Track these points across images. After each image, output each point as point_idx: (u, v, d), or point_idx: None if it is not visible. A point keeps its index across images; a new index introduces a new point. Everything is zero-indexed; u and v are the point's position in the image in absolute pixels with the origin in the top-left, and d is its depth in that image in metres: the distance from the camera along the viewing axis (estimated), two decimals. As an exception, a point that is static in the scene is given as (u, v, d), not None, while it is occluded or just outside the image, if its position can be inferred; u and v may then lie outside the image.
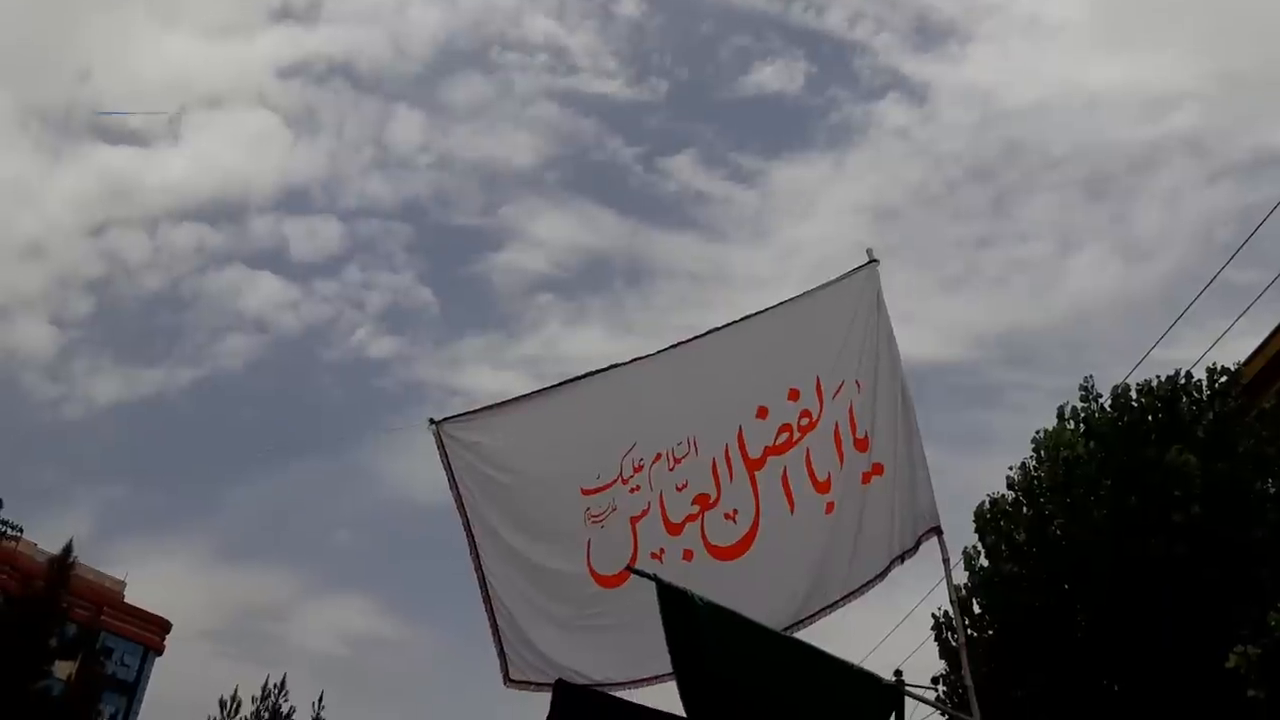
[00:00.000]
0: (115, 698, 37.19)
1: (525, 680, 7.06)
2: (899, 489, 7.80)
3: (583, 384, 8.00)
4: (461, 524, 7.64)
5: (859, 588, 7.61)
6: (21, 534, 54.62)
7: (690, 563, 7.29)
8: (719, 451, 7.75)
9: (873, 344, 8.21)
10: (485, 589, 7.53)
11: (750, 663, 5.30)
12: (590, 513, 7.58)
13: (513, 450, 7.85)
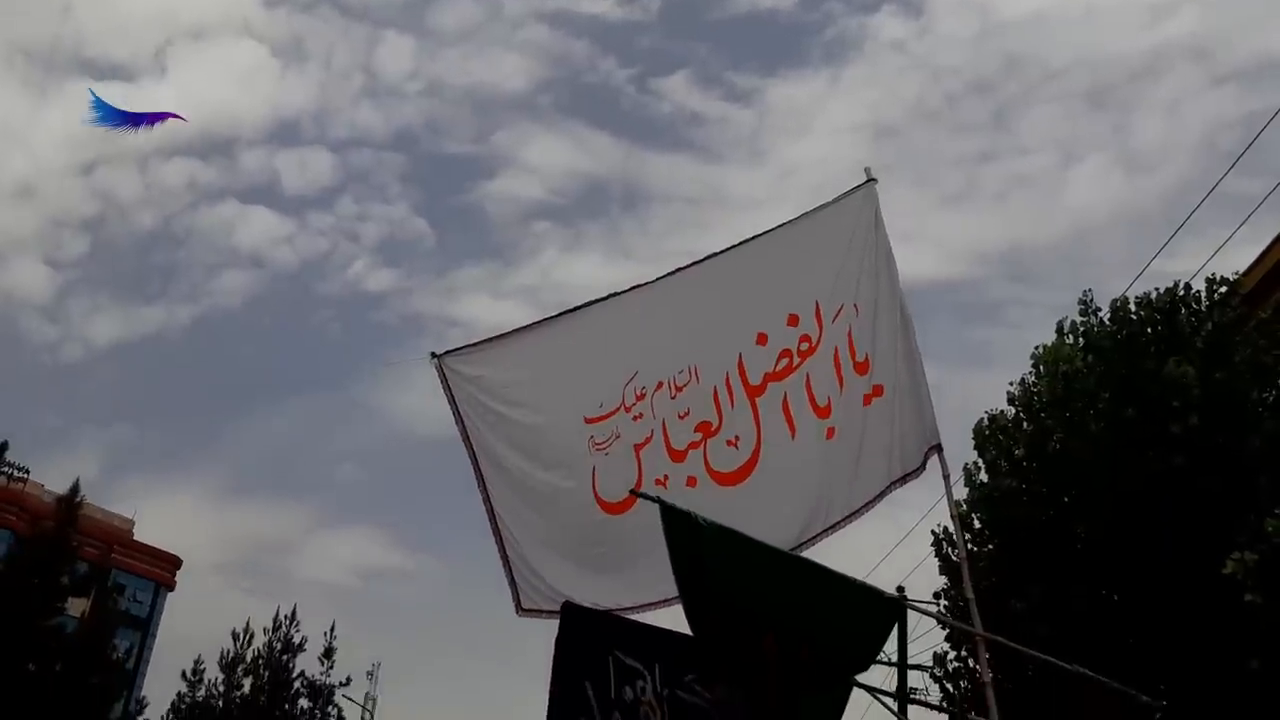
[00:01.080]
0: (129, 633, 37.76)
1: (537, 609, 7.17)
2: (900, 409, 7.84)
3: (582, 314, 8.00)
4: (468, 456, 7.70)
5: (860, 508, 7.68)
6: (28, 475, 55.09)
7: (694, 489, 7.36)
8: (720, 379, 7.77)
9: (871, 264, 8.18)
10: (493, 520, 7.62)
11: (754, 581, 5.38)
12: (594, 441, 7.63)
13: (515, 382, 7.88)
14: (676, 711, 5.83)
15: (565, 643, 5.96)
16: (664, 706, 5.83)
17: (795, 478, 7.76)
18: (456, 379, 7.78)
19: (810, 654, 5.54)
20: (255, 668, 30.37)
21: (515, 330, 8.10)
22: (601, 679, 5.84)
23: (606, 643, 5.96)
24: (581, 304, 8.01)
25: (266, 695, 29.94)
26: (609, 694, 5.80)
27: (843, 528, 7.63)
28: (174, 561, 79.23)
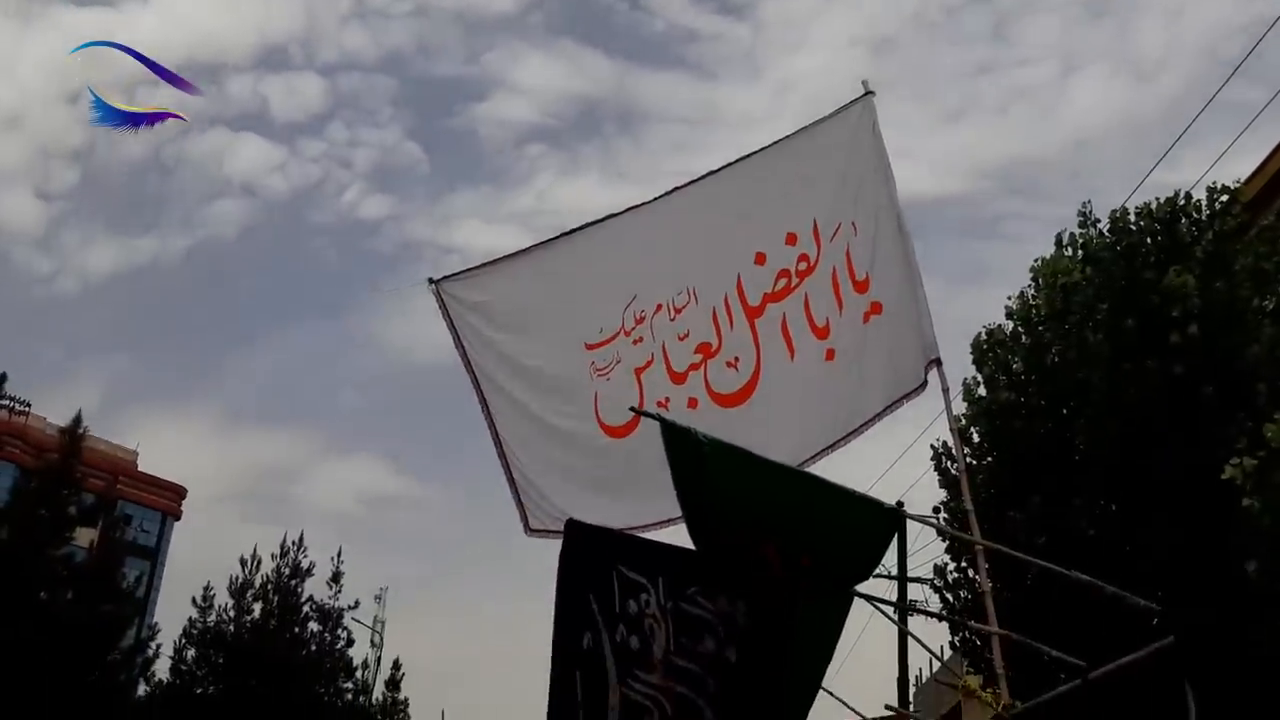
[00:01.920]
0: (138, 563, 38.17)
1: (545, 529, 7.28)
2: (899, 326, 7.83)
3: (579, 236, 7.96)
4: (470, 382, 7.73)
5: (860, 426, 7.73)
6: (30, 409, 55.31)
7: (695, 410, 7.40)
8: (718, 300, 7.76)
9: (870, 180, 8.11)
10: (499, 444, 7.68)
11: (754, 494, 5.43)
12: (595, 366, 7.66)
13: (515, 309, 7.88)
14: (680, 623, 5.91)
15: (569, 558, 6.02)
16: (668, 619, 5.90)
17: (795, 399, 7.79)
18: (455, 305, 7.78)
19: (811, 563, 5.61)
20: (264, 593, 30.77)
21: (513, 254, 8.07)
22: (605, 593, 5.91)
23: (609, 557, 6.02)
24: (578, 226, 7.97)
25: (276, 619, 30.42)
26: (613, 608, 5.88)
27: (843, 446, 7.69)
28: (179, 491, 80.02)
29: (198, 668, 29.13)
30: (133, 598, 22.91)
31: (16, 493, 19.46)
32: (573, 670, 5.81)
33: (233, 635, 29.38)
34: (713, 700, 5.84)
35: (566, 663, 5.83)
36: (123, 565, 22.10)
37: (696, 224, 8.05)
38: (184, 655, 28.92)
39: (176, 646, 28.94)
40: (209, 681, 29.04)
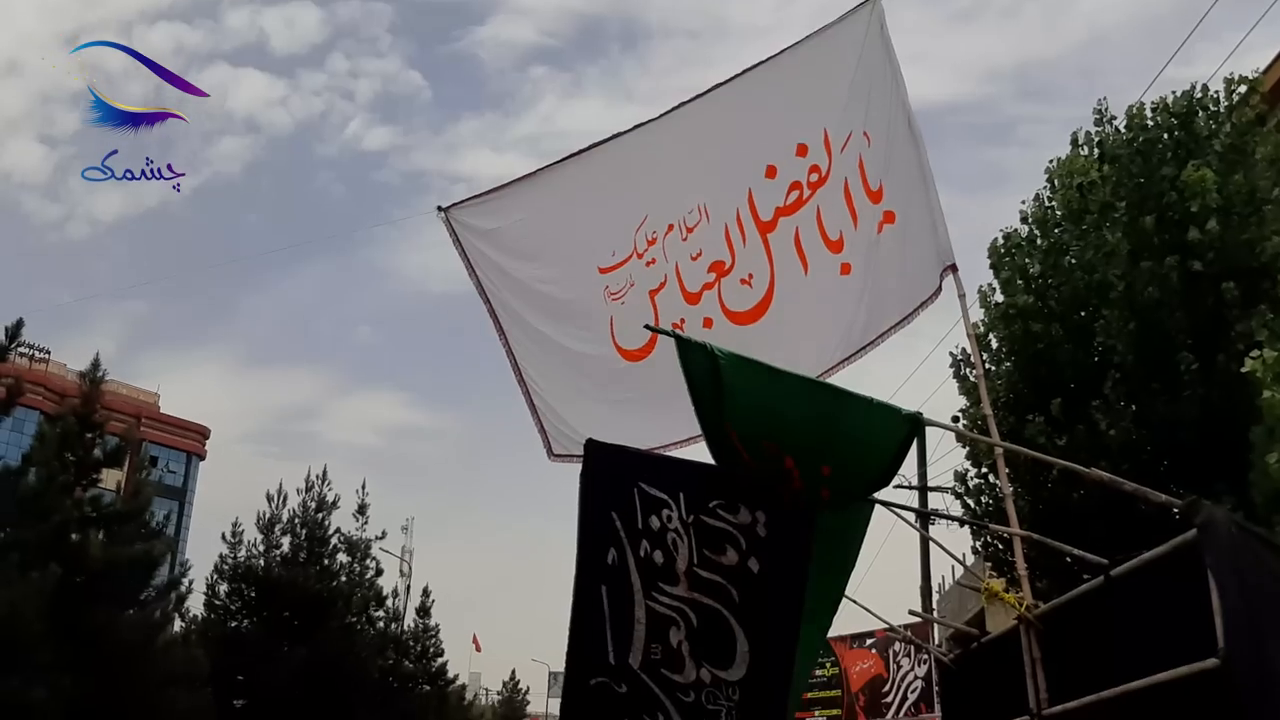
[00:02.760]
0: (166, 503, 38.75)
1: (568, 454, 7.32)
2: (914, 234, 7.74)
3: (587, 157, 7.87)
4: (486, 311, 7.73)
5: (877, 337, 7.69)
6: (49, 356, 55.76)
7: (710, 330, 7.38)
8: (730, 217, 7.68)
9: (880, 87, 7.94)
10: (518, 372, 7.71)
11: (772, 406, 5.42)
12: (609, 290, 7.63)
13: (526, 234, 7.83)
14: (702, 536, 5.97)
15: (590, 478, 6.08)
16: (690, 532, 5.97)
17: (810, 314, 7.75)
18: (466, 233, 7.74)
19: (831, 472, 5.64)
20: (292, 527, 31.24)
21: (520, 178, 8.00)
22: (628, 510, 5.97)
23: (630, 475, 6.07)
24: (585, 147, 7.88)
25: (306, 552, 30.91)
26: (636, 524, 5.95)
27: (860, 358, 7.66)
28: (202, 432, 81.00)
29: (231, 602, 29.72)
30: (163, 536, 23.22)
31: (41, 438, 19.62)
32: (598, 586, 5.89)
33: (263, 569, 29.89)
34: (736, 610, 5.92)
35: (592, 579, 5.92)
36: (151, 505, 22.35)
37: (704, 139, 7.94)
38: (216, 590, 29.48)
39: (209, 582, 29.50)
40: (243, 615, 29.64)
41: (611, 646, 5.84)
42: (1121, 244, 11.11)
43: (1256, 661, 4.61)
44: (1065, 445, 10.42)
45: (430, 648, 44.01)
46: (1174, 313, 10.47)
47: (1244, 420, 9.24)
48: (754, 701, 5.92)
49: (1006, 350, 12.43)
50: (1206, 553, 4.71)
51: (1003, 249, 13.06)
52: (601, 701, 5.82)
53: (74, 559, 18.10)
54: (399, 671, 39.61)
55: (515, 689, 71.55)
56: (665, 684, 5.84)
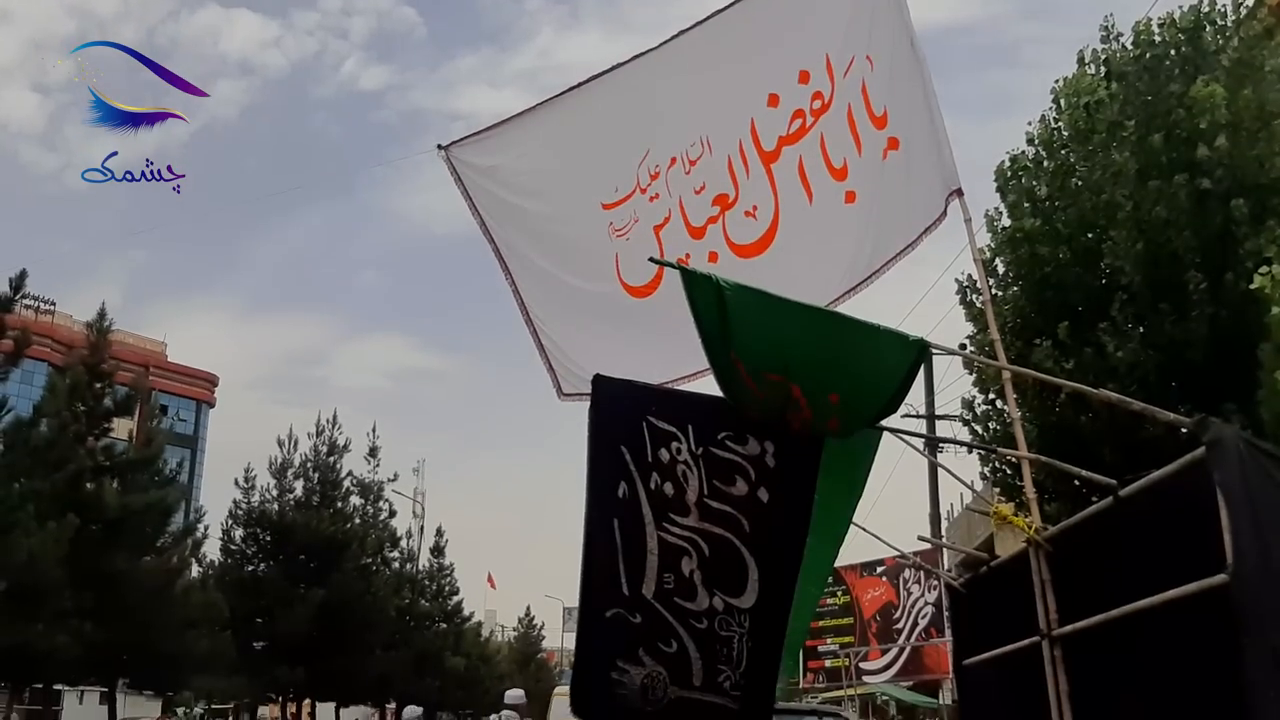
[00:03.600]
0: (177, 451, 39.04)
1: (577, 392, 7.32)
2: (919, 159, 7.65)
3: (586, 91, 7.77)
4: (491, 250, 7.69)
5: (882, 265, 7.63)
6: (55, 307, 55.82)
7: (716, 264, 7.32)
8: (733, 148, 7.60)
9: (883, 10, 7.79)
10: (525, 311, 7.69)
11: (778, 336, 5.41)
12: (613, 227, 7.58)
13: (527, 171, 7.77)
14: (711, 468, 6.01)
15: (599, 412, 6.10)
16: (699, 464, 6.01)
17: (815, 244, 7.70)
18: (468, 171, 7.68)
19: (839, 400, 5.64)
20: (304, 471, 31.53)
21: (520, 114, 7.91)
22: (637, 443, 6.01)
23: (639, 409, 6.10)
24: (585, 80, 7.77)
25: (319, 496, 31.21)
26: (646, 457, 5.99)
27: (866, 287, 7.61)
28: (211, 380, 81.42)
29: (247, 546, 30.10)
30: (176, 483, 23.44)
31: (51, 389, 19.72)
32: (610, 519, 5.95)
33: (277, 514, 30.22)
34: (747, 539, 5.98)
35: (604, 512, 5.97)
36: (163, 453, 22.53)
37: (704, 69, 7.83)
38: (232, 536, 29.86)
39: (224, 528, 29.89)
40: (259, 559, 30.03)
41: (625, 577, 5.90)
42: (1129, 163, 10.99)
43: (1265, 577, 4.64)
44: (1073, 369, 10.39)
45: (445, 586, 44.70)
46: (1182, 232, 10.39)
47: (1253, 339, 9.21)
48: (765, 628, 6.00)
49: (1013, 275, 12.36)
50: (1215, 470, 4.71)
51: (1009, 172, 12.92)
52: (617, 631, 5.90)
53: (90, 508, 18.33)
54: (415, 610, 40.24)
55: (530, 625, 72.72)
56: (679, 612, 5.92)
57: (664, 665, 5.90)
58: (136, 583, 19.34)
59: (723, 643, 5.94)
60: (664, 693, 5.88)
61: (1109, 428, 10.57)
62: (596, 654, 6.08)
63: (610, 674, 5.91)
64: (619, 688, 5.89)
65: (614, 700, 5.92)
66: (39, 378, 27.67)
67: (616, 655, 5.92)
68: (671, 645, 5.90)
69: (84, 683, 27.76)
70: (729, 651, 5.94)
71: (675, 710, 5.91)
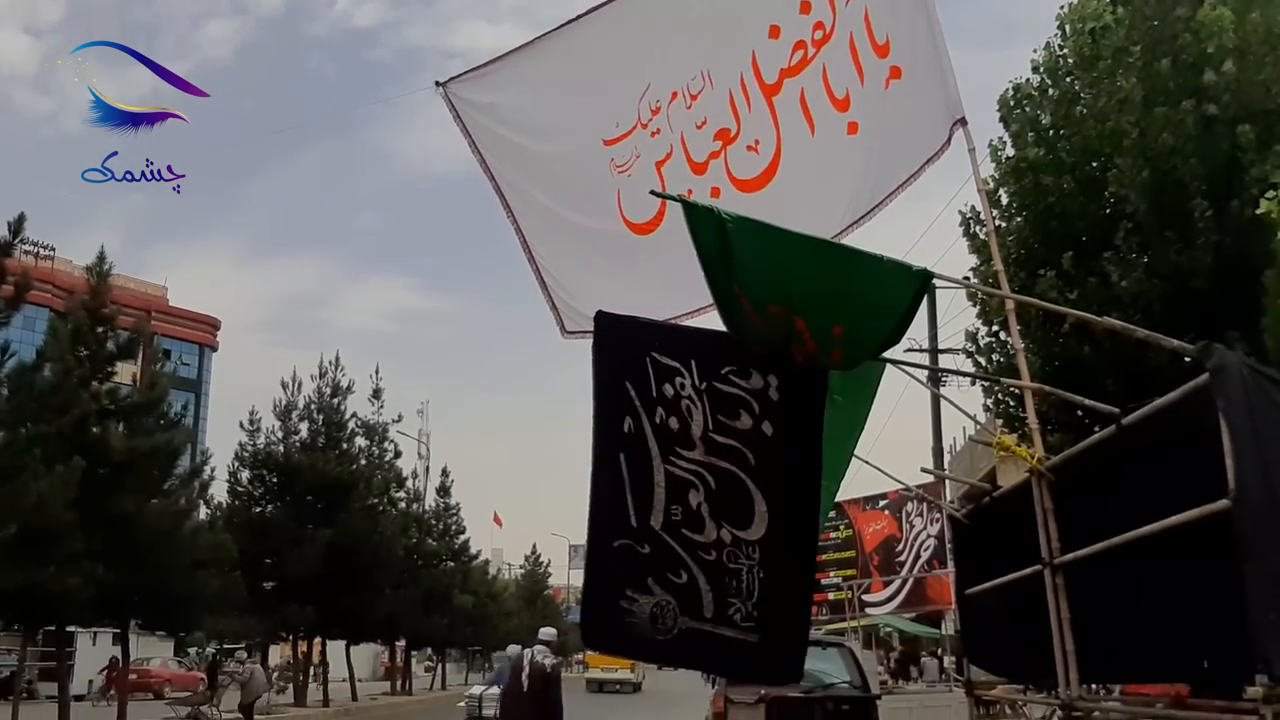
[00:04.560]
0: (181, 395, 39.20)
1: (580, 330, 7.32)
2: (922, 87, 7.55)
3: (584, 24, 7.67)
4: (493, 188, 7.64)
5: (886, 197, 7.58)
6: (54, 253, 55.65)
7: (718, 199, 7.27)
8: (734, 81, 7.51)
9: None
10: (527, 250, 7.65)
11: (781, 268, 5.39)
12: (615, 163, 7.52)
13: (528, 108, 7.69)
14: (716, 402, 6.03)
15: (603, 349, 6.12)
16: (703, 399, 6.03)
17: (818, 177, 7.64)
18: (467, 109, 7.60)
19: (843, 333, 5.63)
20: (309, 413, 31.65)
21: (518, 49, 7.82)
22: (641, 379, 6.02)
23: (642, 345, 6.11)
24: (583, 12, 7.66)
25: (324, 437, 31.37)
26: (650, 392, 6.01)
27: (870, 219, 7.57)
28: (213, 323, 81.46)
29: (254, 488, 30.31)
30: (182, 426, 23.53)
31: (53, 333, 19.71)
32: (617, 454, 5.98)
33: (283, 455, 30.39)
34: (752, 473, 6.02)
35: (610, 447, 6.00)
36: (168, 396, 22.58)
37: (704, 1, 7.73)
38: (239, 478, 30.04)
39: (230, 470, 30.05)
40: (266, 500, 30.27)
41: (633, 510, 5.95)
42: (1135, 90, 10.85)
43: (1267, 502, 4.66)
44: (1077, 299, 10.37)
45: (452, 526, 45.11)
46: (1188, 159, 10.29)
47: (1258, 266, 9.17)
48: (774, 559, 6.05)
49: (1017, 205, 12.28)
50: (1219, 396, 4.71)
51: (1012, 101, 12.77)
52: (626, 562, 5.96)
53: (96, 451, 18.40)
54: (422, 550, 40.69)
55: (537, 562, 73.53)
56: (687, 543, 5.97)
57: (673, 595, 5.97)
58: (145, 524, 19.48)
59: (731, 575, 6.00)
60: (674, 622, 5.96)
61: (1112, 358, 10.57)
62: (605, 583, 6.15)
63: (620, 602, 5.98)
64: (628, 616, 5.96)
65: (624, 629, 6.00)
66: (40, 324, 27.71)
67: (626, 584, 5.98)
68: (681, 576, 5.97)
69: (96, 624, 28.12)
70: (738, 584, 6.00)
71: (686, 640, 5.98)
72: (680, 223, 5.37)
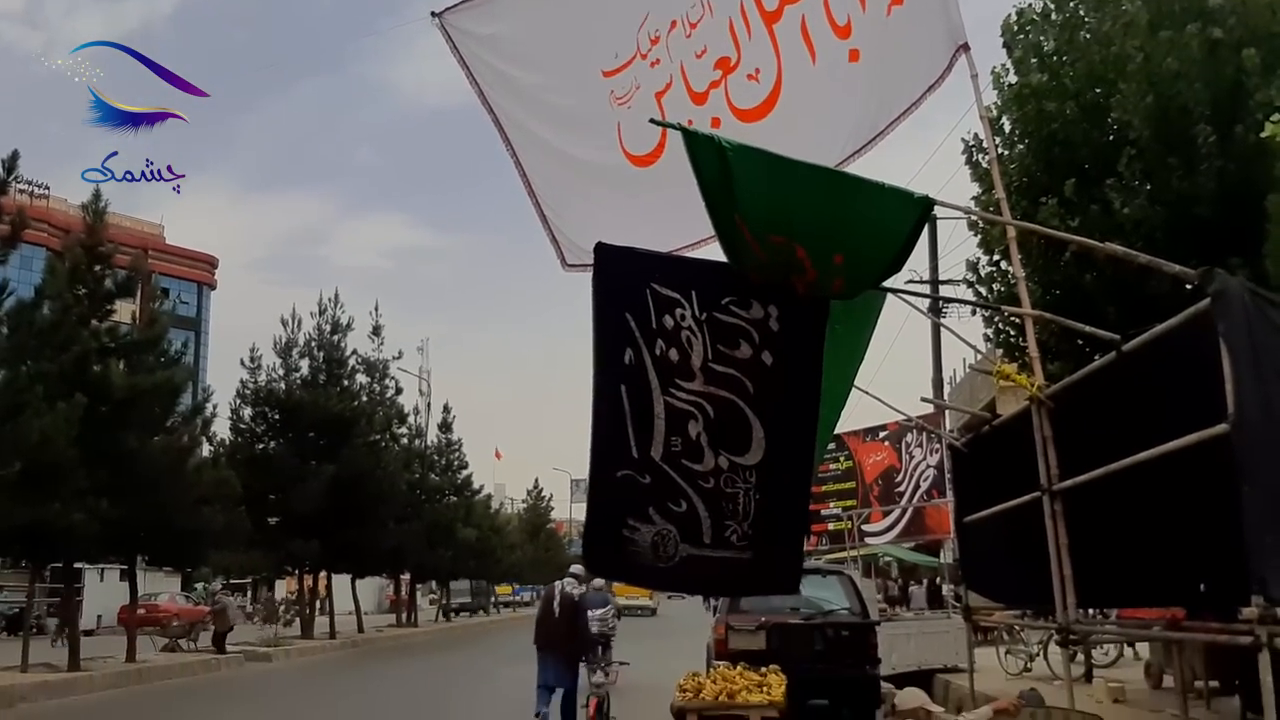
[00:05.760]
0: (181, 333, 39.19)
1: (581, 263, 7.29)
2: (925, 12, 7.45)
3: (582, -51, 7.55)
4: (491, 121, 7.55)
5: (888, 125, 7.51)
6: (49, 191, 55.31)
7: (718, 130, 7.19)
8: (734, 9, 7.39)
9: None
10: (527, 183, 7.59)
11: (782, 196, 5.35)
12: (615, 95, 7.43)
13: (526, 39, 7.58)
14: (716, 333, 6.04)
15: (603, 280, 6.10)
16: (703, 329, 6.04)
17: (820, 105, 7.56)
18: (464, 40, 7.49)
19: (844, 261, 5.62)
20: (309, 350, 31.69)
21: (515, -23, 7.68)
22: (641, 310, 6.02)
23: (642, 276, 6.09)
24: (580, -63, 7.54)
25: (325, 374, 31.44)
26: (650, 324, 6.01)
27: (872, 149, 7.50)
28: (210, 261, 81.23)
29: (256, 425, 30.47)
30: (182, 363, 23.56)
31: (51, 271, 19.65)
32: (618, 385, 6.00)
33: (284, 392, 30.49)
34: (751, 401, 6.05)
35: (611, 379, 6.02)
36: (168, 334, 22.58)
37: None
38: (241, 415, 30.18)
39: (232, 407, 30.18)
40: (269, 437, 30.44)
41: (634, 441, 5.99)
42: (1140, 13, 10.68)
43: (1266, 426, 4.68)
44: (1078, 227, 10.30)
45: (454, 461, 45.40)
46: (1193, 84, 10.15)
47: (1261, 192, 9.11)
48: (771, 482, 6.11)
49: (1020, 133, 12.14)
50: (1220, 320, 4.71)
51: (1016, 26, 12.57)
52: (627, 491, 6.01)
53: (98, 389, 18.47)
54: (425, 484, 41.02)
55: (539, 497, 74.16)
56: (686, 473, 6.02)
57: (674, 524, 6.04)
58: (149, 461, 19.62)
59: (728, 499, 6.07)
60: (675, 550, 6.04)
61: (1113, 286, 10.53)
62: (608, 513, 6.22)
63: (622, 531, 6.05)
64: (630, 545, 6.04)
65: (626, 556, 6.08)
66: (37, 263, 27.57)
67: (627, 514, 6.05)
68: (681, 505, 6.03)
69: (103, 560, 28.46)
70: (734, 506, 6.07)
71: (687, 566, 6.08)
72: (681, 153, 5.32)
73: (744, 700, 9.16)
